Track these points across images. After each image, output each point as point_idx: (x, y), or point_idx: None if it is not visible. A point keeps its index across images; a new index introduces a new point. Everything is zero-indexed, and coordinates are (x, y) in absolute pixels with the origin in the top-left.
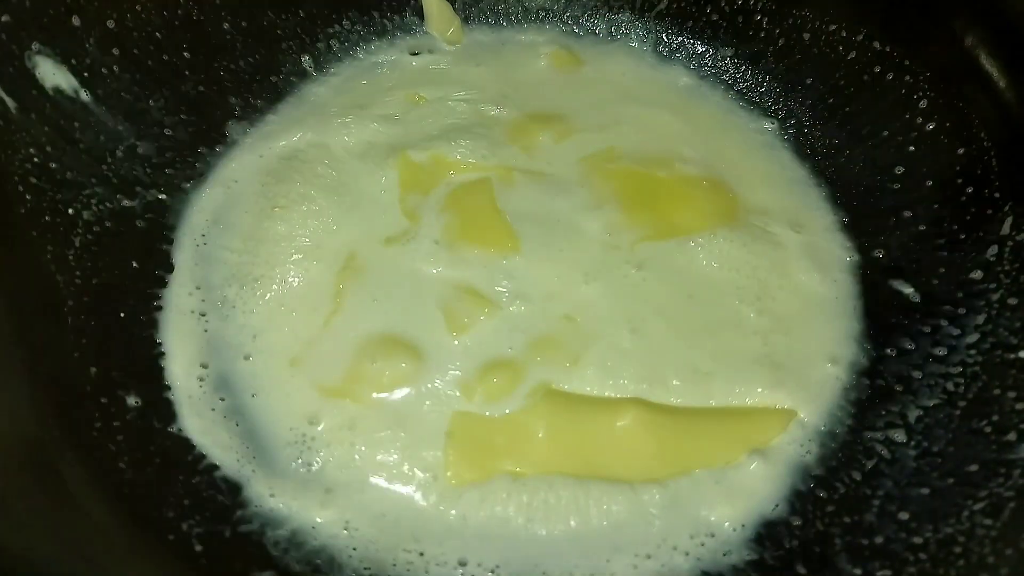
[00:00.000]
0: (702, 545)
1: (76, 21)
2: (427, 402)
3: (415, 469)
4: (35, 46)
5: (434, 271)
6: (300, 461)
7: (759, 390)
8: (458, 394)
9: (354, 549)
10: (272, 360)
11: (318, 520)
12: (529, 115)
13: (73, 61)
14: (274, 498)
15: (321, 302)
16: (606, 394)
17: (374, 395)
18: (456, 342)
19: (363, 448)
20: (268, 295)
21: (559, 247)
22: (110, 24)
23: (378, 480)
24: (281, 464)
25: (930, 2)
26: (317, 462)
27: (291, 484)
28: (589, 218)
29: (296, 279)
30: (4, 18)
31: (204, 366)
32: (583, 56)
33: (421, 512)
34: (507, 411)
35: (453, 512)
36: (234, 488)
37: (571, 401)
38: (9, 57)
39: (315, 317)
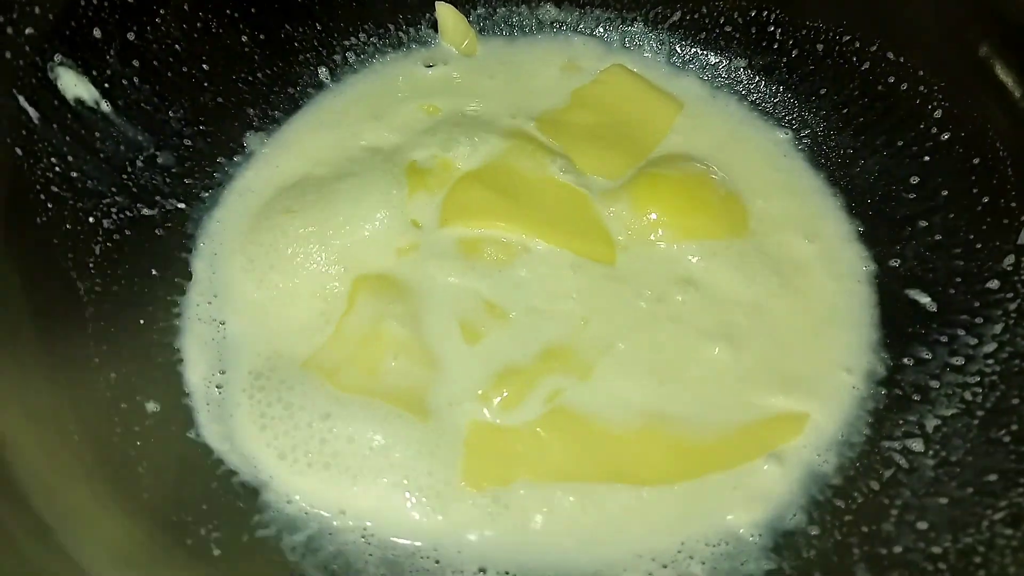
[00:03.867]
0: (719, 553)
1: (97, 33)
2: (443, 411)
3: (433, 477)
4: (57, 57)
5: (449, 280)
6: (317, 466)
7: (774, 399)
8: (474, 403)
9: (370, 555)
10: (289, 365)
11: (335, 525)
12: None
13: (94, 72)
14: (291, 504)
15: (336, 310)
16: (620, 401)
17: (390, 402)
18: (471, 351)
19: (380, 454)
20: (284, 302)
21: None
22: (130, 36)
23: (396, 487)
24: (299, 469)
25: (944, 12)
26: (334, 468)
27: (308, 489)
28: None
29: (311, 287)
30: (27, 30)
31: (222, 372)
32: None
33: (439, 519)
34: (522, 419)
35: (471, 520)
36: (252, 493)
37: (586, 409)
38: (32, 68)
39: (330, 324)
